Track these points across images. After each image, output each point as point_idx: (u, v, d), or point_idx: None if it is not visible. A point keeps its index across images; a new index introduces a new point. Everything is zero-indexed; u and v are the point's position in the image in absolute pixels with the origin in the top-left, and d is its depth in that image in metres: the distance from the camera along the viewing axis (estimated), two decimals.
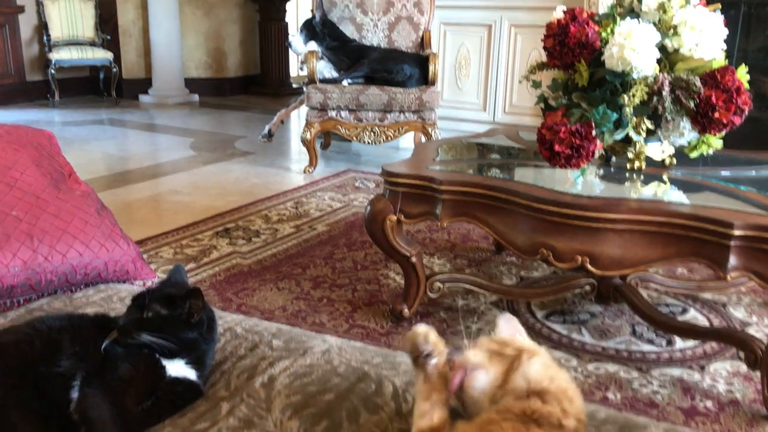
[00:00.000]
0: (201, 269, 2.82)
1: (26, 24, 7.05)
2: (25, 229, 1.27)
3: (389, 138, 4.43)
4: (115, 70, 7.13)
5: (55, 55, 6.82)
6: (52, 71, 6.86)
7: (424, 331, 0.96)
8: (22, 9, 6.96)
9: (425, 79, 4.44)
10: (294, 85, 8.37)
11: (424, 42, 4.80)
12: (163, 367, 1.04)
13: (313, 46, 4.62)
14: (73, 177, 1.47)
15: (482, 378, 0.91)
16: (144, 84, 7.48)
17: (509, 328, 1.04)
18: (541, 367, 0.91)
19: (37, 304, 1.30)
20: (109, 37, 7.26)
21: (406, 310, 2.32)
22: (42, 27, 7.02)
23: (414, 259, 2.27)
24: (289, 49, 5.08)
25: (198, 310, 1.07)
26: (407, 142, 5.16)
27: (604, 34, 2.01)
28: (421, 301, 2.37)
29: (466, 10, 5.48)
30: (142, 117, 6.57)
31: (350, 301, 2.53)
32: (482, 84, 5.55)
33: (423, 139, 4.72)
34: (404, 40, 4.82)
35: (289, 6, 8.29)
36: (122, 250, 1.40)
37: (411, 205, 2.18)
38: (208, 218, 3.50)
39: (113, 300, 1.31)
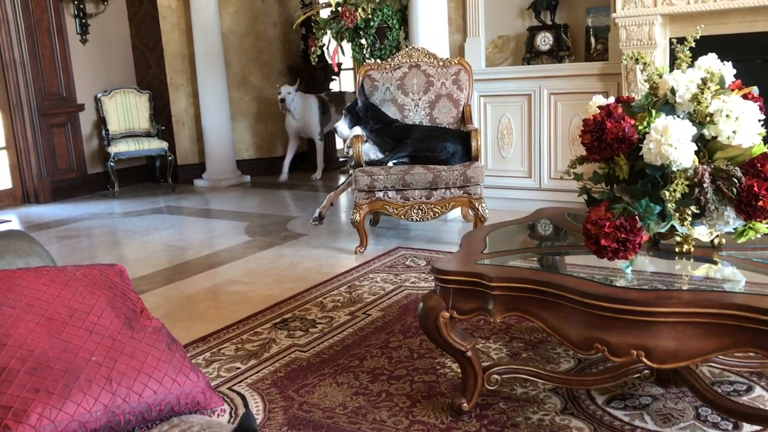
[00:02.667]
0: (262, 366, 2.90)
1: (86, 120, 7.46)
2: (104, 373, 1.37)
3: (437, 214, 4.51)
4: (170, 157, 7.45)
5: (114, 149, 7.18)
6: (111, 164, 7.21)
7: None
8: (82, 107, 7.38)
9: (468, 155, 4.54)
10: (340, 159, 8.57)
11: (464, 116, 4.91)
12: None
13: (357, 130, 4.78)
14: (144, 313, 1.57)
15: None
16: (198, 169, 7.78)
17: None
18: None
19: None
20: (163, 127, 7.61)
21: (465, 404, 2.34)
22: (101, 122, 7.43)
23: (470, 353, 2.30)
24: (335, 134, 5.25)
25: None
26: (455, 213, 5.23)
27: (640, 127, 2.06)
28: (480, 393, 2.39)
29: (504, 82, 5.61)
30: (197, 202, 6.82)
31: (408, 394, 2.57)
32: (526, 152, 5.62)
33: (470, 213, 4.78)
34: (445, 117, 4.94)
35: (332, 84, 8.57)
36: (192, 383, 1.48)
37: (463, 301, 2.23)
38: (266, 309, 3.60)
39: None
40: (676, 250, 2.20)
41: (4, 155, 7.07)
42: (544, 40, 5.73)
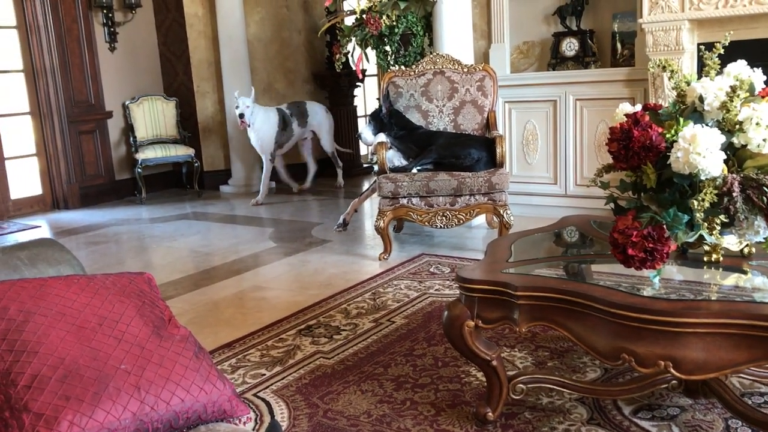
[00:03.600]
0: (287, 372, 2.91)
1: (114, 127, 7.57)
2: (133, 381, 1.39)
3: (461, 221, 4.50)
4: (196, 164, 7.53)
5: (141, 155, 7.27)
6: (139, 170, 7.30)
7: None
8: (110, 114, 7.48)
9: (493, 161, 4.52)
10: (364, 164, 8.59)
11: (489, 122, 4.90)
12: None
13: (381, 137, 4.79)
14: (172, 322, 1.59)
15: None
16: (224, 175, 7.85)
17: None
18: None
19: None
20: (190, 134, 7.69)
21: (490, 414, 2.33)
22: (128, 129, 7.53)
23: (495, 363, 2.30)
24: (359, 140, 5.26)
25: None
26: (479, 220, 5.22)
27: (668, 136, 2.04)
28: (505, 402, 2.38)
29: (529, 88, 5.59)
30: (223, 208, 6.87)
31: (433, 403, 2.56)
32: (551, 158, 5.59)
33: (495, 220, 4.77)
34: (470, 123, 4.93)
35: (356, 91, 8.60)
36: (219, 391, 1.50)
37: (488, 310, 2.22)
38: (291, 315, 3.62)
39: None
40: (705, 259, 2.18)
41: (34, 162, 7.19)
42: (570, 46, 5.69)
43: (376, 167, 4.68)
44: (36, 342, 1.40)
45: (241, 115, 6.60)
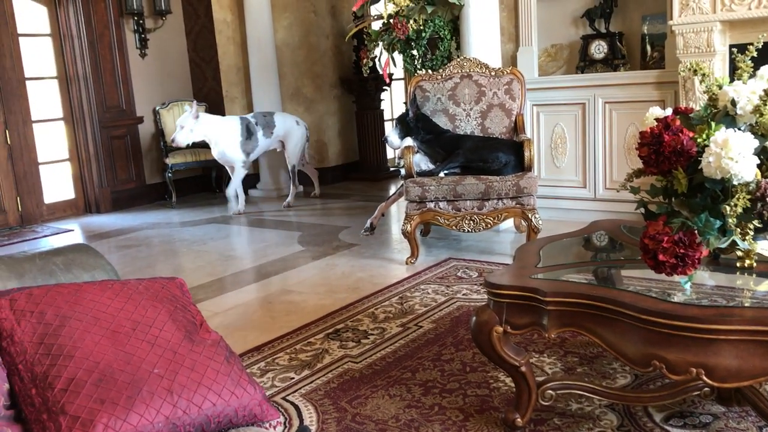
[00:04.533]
0: (315, 376, 2.93)
1: (145, 132, 7.68)
2: (166, 385, 1.41)
3: (489, 225, 4.49)
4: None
5: (172, 160, 7.36)
6: (169, 174, 7.39)
7: None
8: (141, 119, 7.60)
9: (521, 165, 4.50)
10: (390, 169, 8.61)
11: (517, 126, 4.88)
12: None
13: (408, 141, 4.80)
14: (204, 326, 1.61)
15: None
16: (252, 179, 7.91)
17: None
18: None
19: None
20: None
21: (519, 420, 2.32)
22: (159, 134, 7.63)
23: (523, 369, 2.28)
24: (386, 144, 5.26)
25: None
26: (507, 224, 5.20)
27: (699, 140, 2.02)
28: (534, 408, 2.36)
29: (557, 91, 5.56)
30: (252, 212, 6.93)
31: (461, 408, 2.56)
32: (580, 161, 5.54)
33: (523, 224, 4.75)
34: (497, 126, 4.91)
35: (383, 95, 8.62)
36: (250, 395, 1.51)
37: (516, 316, 2.22)
38: (319, 319, 3.64)
39: None
40: (738, 265, 2.14)
41: (67, 166, 7.33)
42: (599, 49, 5.65)
43: (402, 171, 4.69)
44: (72, 346, 1.43)
45: (172, 140, 6.51)
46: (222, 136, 6.61)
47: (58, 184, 7.24)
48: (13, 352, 1.42)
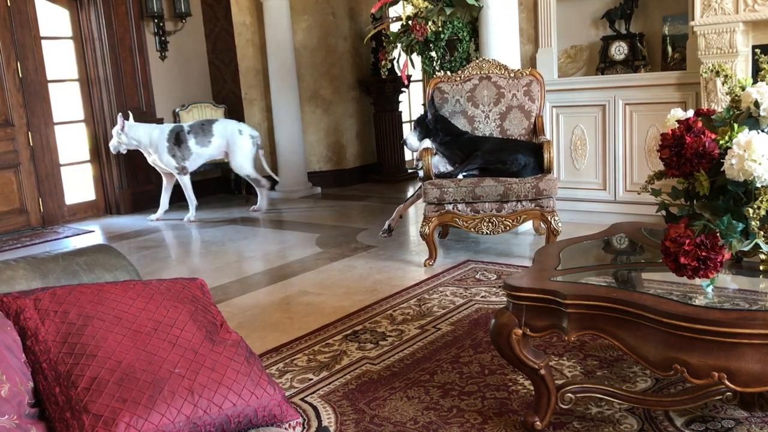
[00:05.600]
0: (333, 377, 2.94)
1: None
2: (187, 385, 1.42)
3: (508, 228, 4.47)
4: None
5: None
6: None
7: None
8: (161, 121, 7.65)
9: (540, 167, 4.48)
10: (409, 170, 8.61)
11: (536, 127, 4.86)
12: None
13: (427, 143, 4.79)
14: (224, 327, 1.62)
15: None
16: (271, 181, 7.93)
17: None
18: None
19: None
20: None
21: (538, 423, 2.31)
22: None
23: (543, 372, 2.27)
24: (405, 146, 5.26)
25: None
26: (526, 226, 5.18)
27: (722, 142, 2.00)
28: (553, 412, 2.35)
29: (578, 93, 5.52)
30: (270, 213, 6.96)
31: (480, 411, 2.55)
32: (600, 163, 5.51)
33: (542, 226, 4.72)
34: (516, 128, 4.90)
35: (401, 97, 8.62)
36: (269, 396, 1.52)
37: (536, 318, 2.21)
38: (337, 320, 3.65)
39: None
40: (761, 268, 2.12)
41: (88, 168, 7.41)
42: (619, 50, 5.61)
43: (421, 173, 4.69)
44: (94, 346, 1.44)
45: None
46: (151, 144, 6.63)
47: (79, 185, 7.32)
48: (37, 351, 1.44)
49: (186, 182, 6.80)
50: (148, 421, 1.35)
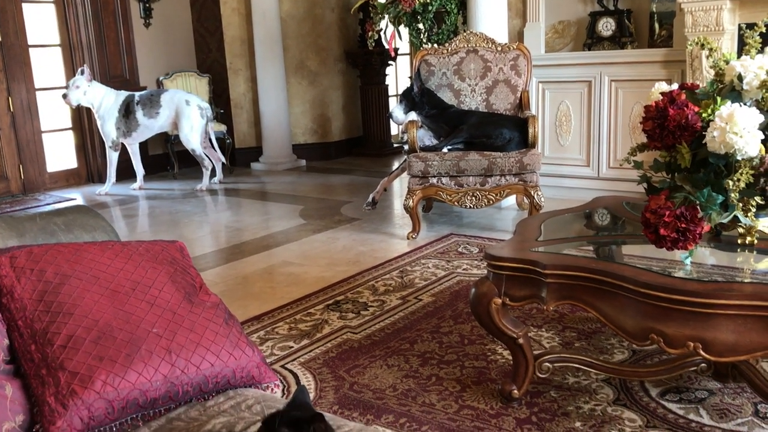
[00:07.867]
0: (314, 346, 2.95)
1: None
2: (165, 344, 1.42)
3: (491, 202, 4.48)
4: (228, 140, 7.57)
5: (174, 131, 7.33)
6: (171, 145, 7.37)
7: None
8: (144, 89, 7.55)
9: (525, 142, 4.48)
10: (394, 145, 8.58)
11: (522, 102, 4.85)
12: None
13: (412, 115, 4.77)
14: (203, 289, 1.61)
15: None
16: (255, 152, 7.90)
17: None
18: None
19: (175, 413, 1.44)
20: (222, 111, 7.73)
21: (515, 391, 2.34)
22: None
23: (521, 341, 2.29)
24: (390, 119, 5.23)
25: None
26: (510, 200, 5.19)
27: (704, 115, 2.01)
28: (531, 381, 2.38)
29: (564, 68, 5.52)
30: (254, 185, 6.93)
31: (458, 379, 2.57)
32: (584, 140, 5.52)
33: (525, 201, 4.74)
34: (502, 102, 4.89)
35: (388, 69, 8.57)
36: (248, 357, 1.52)
37: (516, 288, 2.22)
38: (319, 290, 3.65)
39: (242, 408, 1.43)
40: (739, 241, 2.14)
41: (69, 136, 7.31)
42: (606, 26, 5.60)
43: (406, 146, 4.67)
44: (71, 304, 1.43)
45: (64, 95, 6.38)
46: (103, 108, 6.45)
47: (60, 153, 7.23)
48: (13, 309, 1.43)
49: (113, 159, 6.62)
50: (124, 379, 1.35)
